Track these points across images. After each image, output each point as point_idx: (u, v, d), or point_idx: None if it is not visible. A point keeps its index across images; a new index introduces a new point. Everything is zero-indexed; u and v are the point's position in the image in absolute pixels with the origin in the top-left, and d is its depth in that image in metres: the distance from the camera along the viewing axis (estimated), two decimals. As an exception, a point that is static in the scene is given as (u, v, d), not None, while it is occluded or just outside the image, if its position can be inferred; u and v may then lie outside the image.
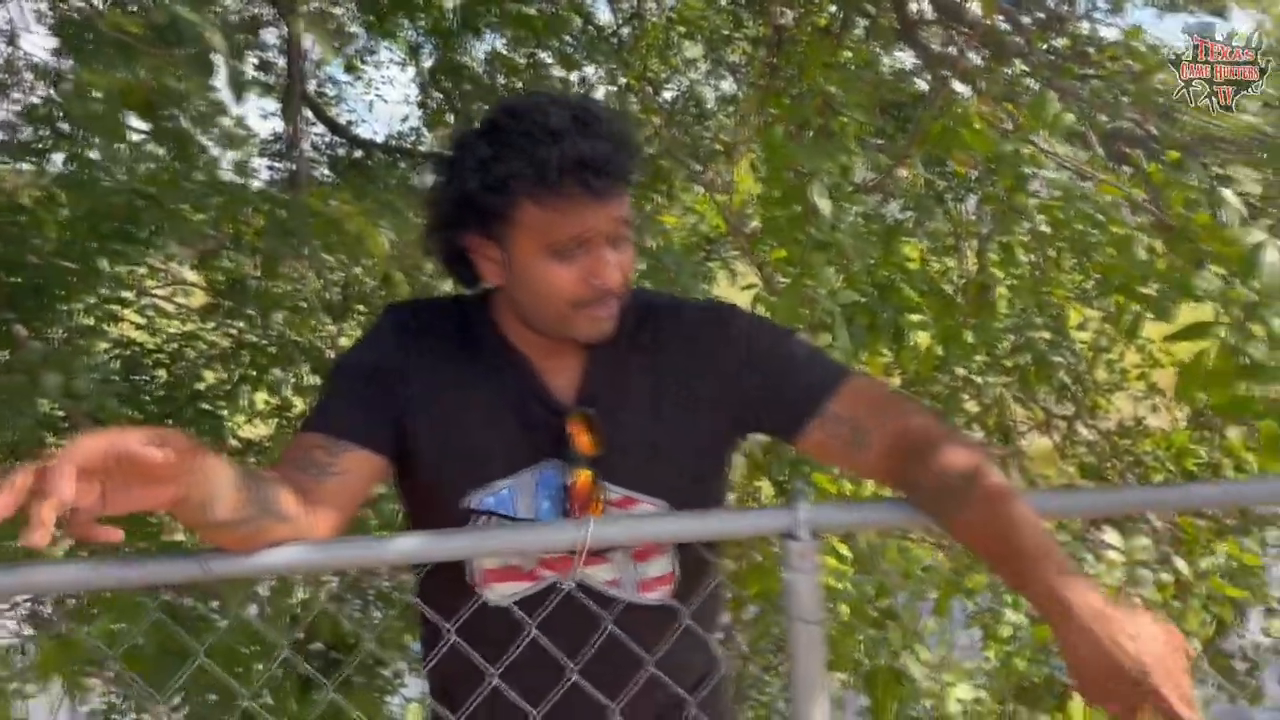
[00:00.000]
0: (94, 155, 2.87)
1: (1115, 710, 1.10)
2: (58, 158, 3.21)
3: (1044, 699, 3.72)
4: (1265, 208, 3.43)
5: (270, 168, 7.58)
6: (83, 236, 2.98)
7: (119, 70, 2.07)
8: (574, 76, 5.97)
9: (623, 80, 6.23)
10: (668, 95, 7.01)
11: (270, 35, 6.74)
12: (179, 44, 2.02)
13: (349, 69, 7.17)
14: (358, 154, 6.62)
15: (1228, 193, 2.35)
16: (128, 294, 4.40)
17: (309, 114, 6.52)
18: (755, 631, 3.75)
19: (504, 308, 1.44)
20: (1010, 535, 1.20)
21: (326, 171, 6.88)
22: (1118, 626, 1.08)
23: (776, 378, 1.42)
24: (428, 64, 6.32)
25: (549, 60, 5.84)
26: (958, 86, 4.13)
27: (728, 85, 7.04)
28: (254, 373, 3.97)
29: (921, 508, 1.32)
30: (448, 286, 5.33)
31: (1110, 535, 3.20)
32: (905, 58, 6.06)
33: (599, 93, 6.25)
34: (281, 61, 6.26)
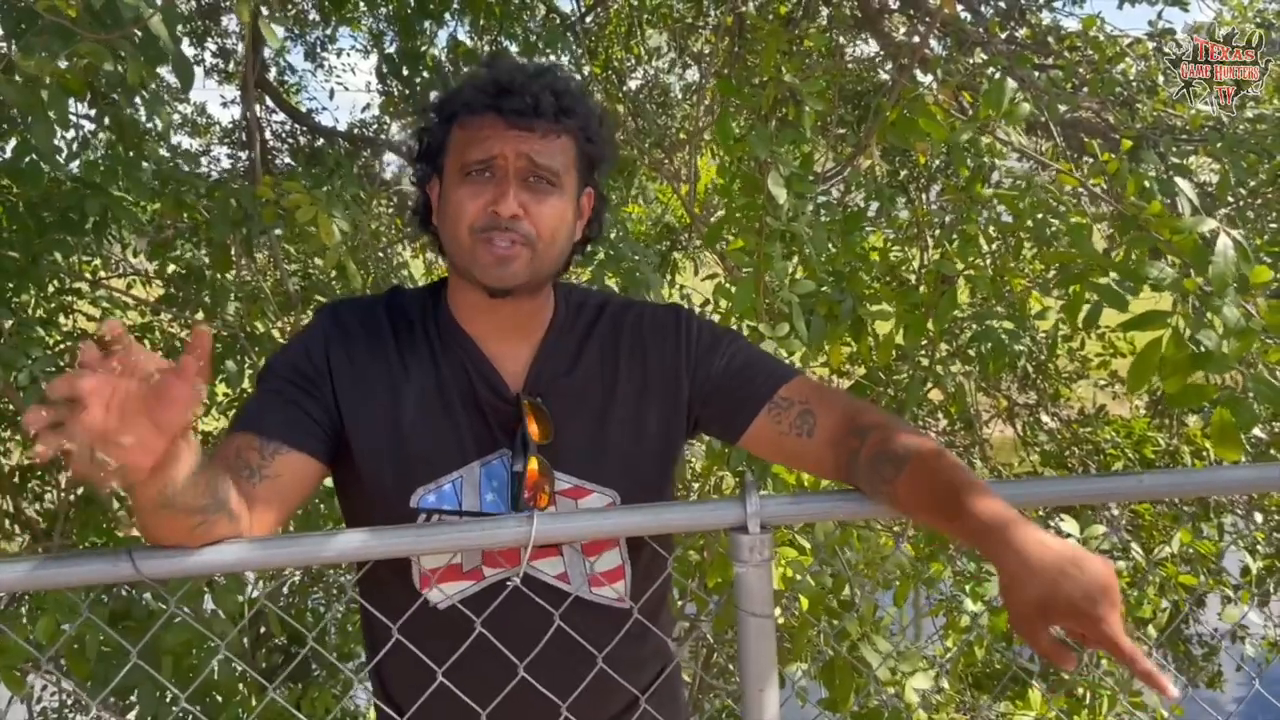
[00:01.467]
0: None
1: (1044, 642, 1.04)
2: (9, 146, 3.13)
3: (1003, 686, 3.75)
4: (1221, 197, 3.46)
5: (230, 155, 7.51)
6: (28, 227, 2.91)
7: (57, 55, 2.01)
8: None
9: (587, 69, 6.19)
10: (632, 85, 7.00)
11: (230, 21, 6.66)
12: (117, 26, 1.96)
13: (309, 56, 7.10)
14: (319, 142, 6.55)
15: (1182, 182, 2.36)
16: (81, 285, 4.33)
17: (270, 101, 6.44)
18: (718, 620, 3.74)
19: (453, 280, 1.42)
20: (948, 484, 1.18)
21: (288, 160, 6.82)
22: (1063, 556, 1.04)
23: (727, 374, 1.43)
24: (389, 50, 6.25)
25: (512, 48, 5.79)
26: (919, 76, 4.13)
27: (692, 74, 7.03)
28: (209, 364, 3.90)
29: (863, 481, 1.30)
30: (405, 275, 5.29)
31: (1068, 523, 3.21)
32: (868, 47, 6.08)
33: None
34: (241, 48, 6.18)
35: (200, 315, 4.06)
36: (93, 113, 2.73)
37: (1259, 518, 4.47)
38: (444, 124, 1.36)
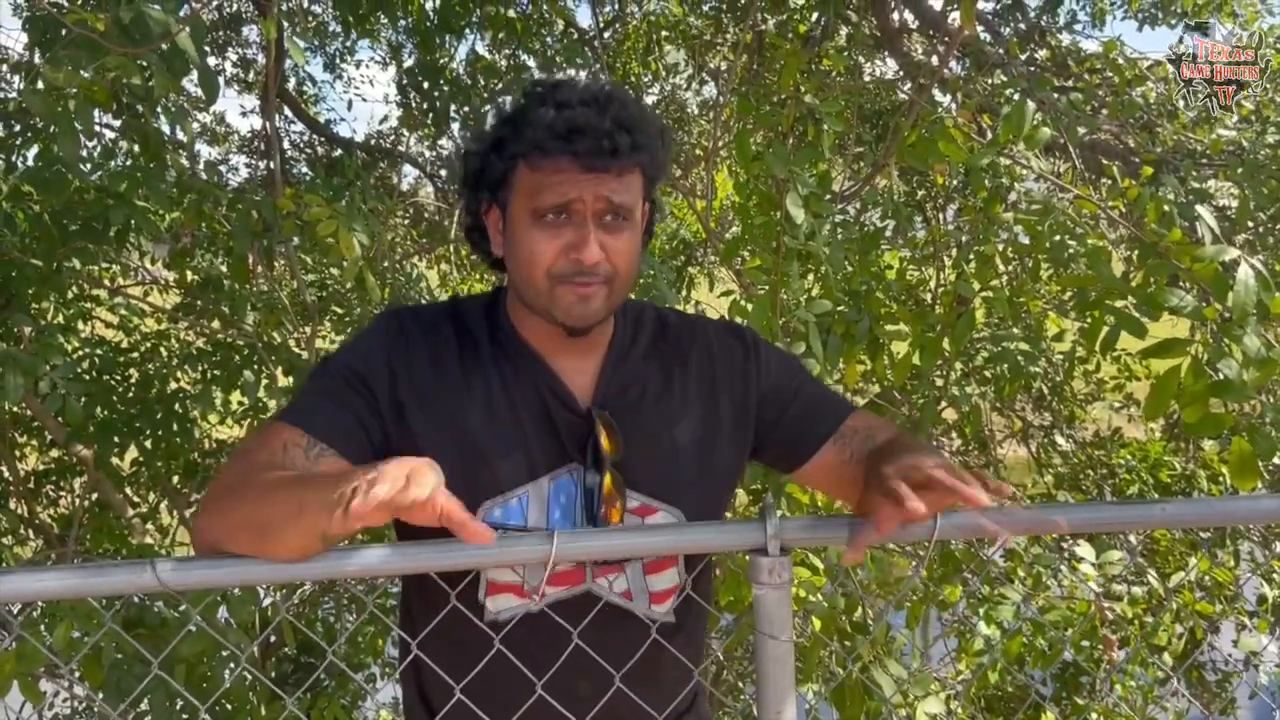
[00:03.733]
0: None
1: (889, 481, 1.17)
2: (32, 153, 3.16)
3: (1016, 710, 3.73)
4: (1241, 222, 3.45)
5: (248, 165, 7.56)
6: (50, 235, 2.93)
7: (84, 67, 2.03)
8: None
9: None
10: (649, 100, 7.02)
11: (251, 32, 6.71)
12: (145, 40, 1.98)
13: (329, 68, 7.15)
14: (336, 152, 6.59)
15: (1203, 209, 2.36)
16: (100, 292, 4.35)
17: (289, 112, 6.49)
18: (731, 639, 3.74)
19: (514, 299, 1.41)
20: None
21: (305, 170, 6.86)
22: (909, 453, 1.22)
23: (798, 402, 1.45)
24: (409, 63, 6.29)
25: (530, 63, 5.82)
26: (939, 96, 4.13)
27: (709, 91, 7.05)
28: (226, 373, 3.91)
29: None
30: (422, 287, 5.30)
31: (1084, 548, 3.20)
32: (887, 67, 6.09)
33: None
34: (262, 59, 6.22)
35: (217, 324, 4.08)
36: (117, 123, 2.75)
37: (1278, 546, 4.43)
38: (508, 158, 1.31)
